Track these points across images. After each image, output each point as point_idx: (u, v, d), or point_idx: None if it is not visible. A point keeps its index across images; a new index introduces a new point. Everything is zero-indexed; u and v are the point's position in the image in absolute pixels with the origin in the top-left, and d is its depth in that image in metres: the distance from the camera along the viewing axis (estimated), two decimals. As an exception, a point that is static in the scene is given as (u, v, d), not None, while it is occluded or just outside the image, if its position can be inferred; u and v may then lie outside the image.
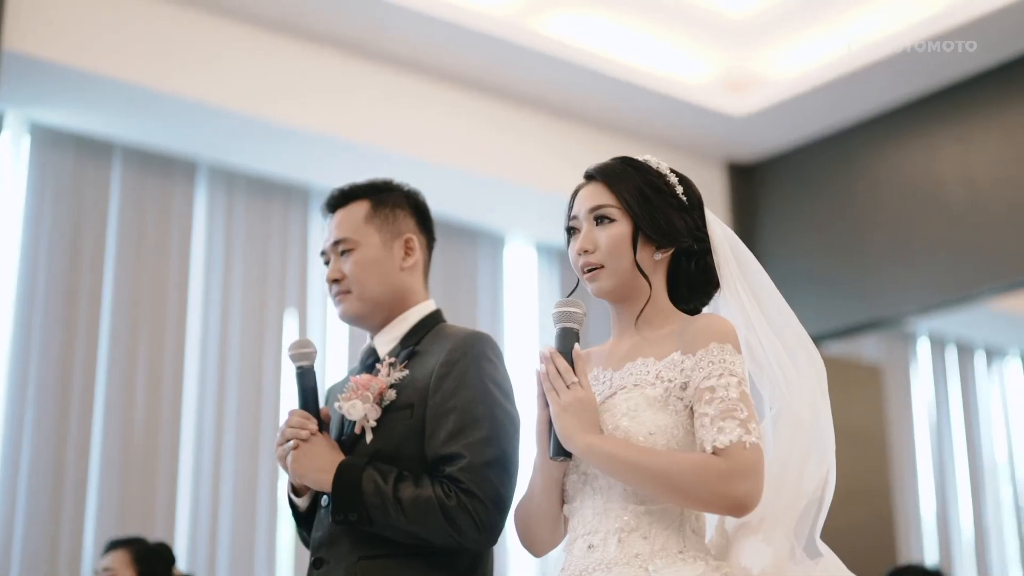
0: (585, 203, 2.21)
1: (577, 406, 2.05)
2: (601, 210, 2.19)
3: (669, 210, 2.19)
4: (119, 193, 5.42)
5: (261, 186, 5.78)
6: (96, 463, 5.11)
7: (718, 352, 2.06)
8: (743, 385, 2.04)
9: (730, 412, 1.99)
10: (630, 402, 2.08)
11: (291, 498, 2.55)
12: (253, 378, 5.55)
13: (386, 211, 2.61)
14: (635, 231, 2.17)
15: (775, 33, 5.91)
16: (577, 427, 2.04)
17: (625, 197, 2.18)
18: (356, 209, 2.60)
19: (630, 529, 2.05)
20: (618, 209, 2.18)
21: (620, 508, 2.07)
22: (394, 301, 2.58)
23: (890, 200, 6.19)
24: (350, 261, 2.57)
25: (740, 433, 1.97)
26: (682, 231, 2.20)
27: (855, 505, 6.54)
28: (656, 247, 2.19)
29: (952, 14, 5.46)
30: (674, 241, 2.20)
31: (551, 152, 6.13)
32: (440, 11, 5.33)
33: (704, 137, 6.49)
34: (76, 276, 5.24)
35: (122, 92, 5.04)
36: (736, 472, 1.95)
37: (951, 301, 5.99)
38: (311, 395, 2.47)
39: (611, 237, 2.17)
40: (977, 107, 5.91)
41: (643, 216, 2.17)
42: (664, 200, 2.19)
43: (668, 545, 2.05)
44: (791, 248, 6.54)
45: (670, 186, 2.21)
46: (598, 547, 2.06)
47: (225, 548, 5.35)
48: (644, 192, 2.18)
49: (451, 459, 2.33)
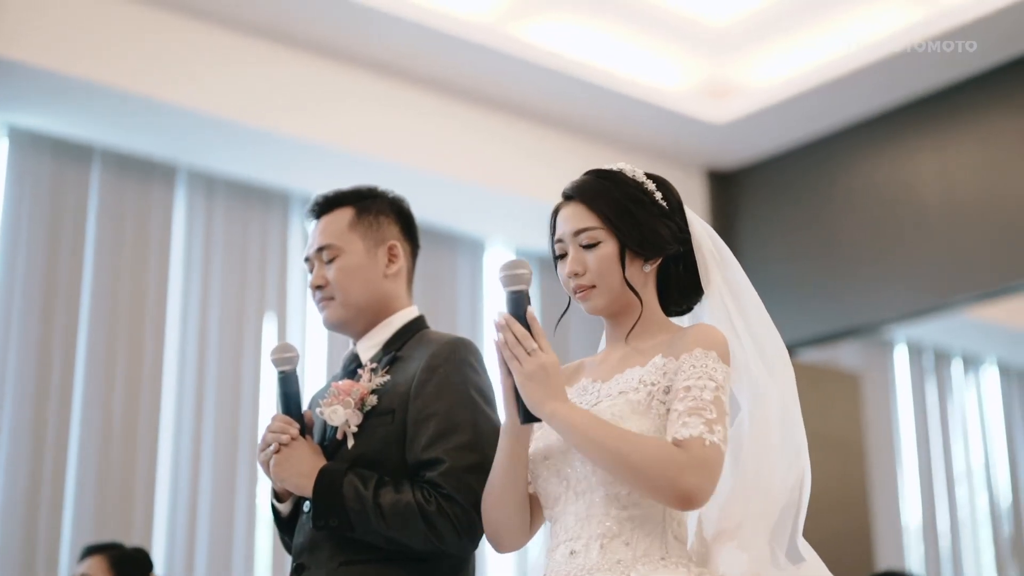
0: (568, 226, 2.19)
1: (541, 373, 2.05)
2: (585, 233, 2.17)
3: (652, 220, 2.18)
4: (98, 197, 5.40)
5: (241, 191, 5.77)
6: (73, 468, 5.08)
7: (701, 357, 2.07)
8: (720, 392, 2.04)
9: (698, 410, 2.01)
10: (614, 408, 2.08)
11: (273, 503, 2.55)
12: (232, 384, 5.53)
13: (370, 218, 2.61)
14: (622, 249, 2.16)
15: (755, 41, 5.94)
16: (544, 394, 2.04)
17: (608, 216, 2.16)
18: (340, 216, 2.60)
19: (612, 535, 2.05)
20: (602, 230, 2.17)
21: (602, 514, 2.06)
22: (377, 307, 2.58)
23: (869, 208, 6.21)
24: (334, 267, 2.57)
25: (703, 430, 1.99)
26: (667, 238, 2.20)
27: (834, 512, 6.56)
28: (644, 260, 2.19)
29: (934, 22, 5.49)
30: (661, 250, 2.20)
31: (532, 158, 6.14)
32: (422, 17, 5.33)
33: (684, 144, 6.51)
34: (55, 280, 5.22)
35: (102, 96, 5.03)
36: (690, 464, 1.96)
37: (929, 309, 6.02)
38: (293, 400, 2.46)
39: (599, 259, 2.16)
40: (955, 116, 5.94)
41: (628, 233, 2.16)
42: (645, 210, 2.18)
43: (650, 551, 2.05)
44: (770, 255, 6.56)
45: (649, 194, 2.20)
46: (580, 553, 2.06)
47: (203, 554, 5.32)
48: (625, 207, 2.17)
49: (432, 464, 2.33)
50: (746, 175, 6.79)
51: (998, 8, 5.30)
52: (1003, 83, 5.76)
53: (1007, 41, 5.57)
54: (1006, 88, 5.76)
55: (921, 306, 6.00)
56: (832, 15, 5.73)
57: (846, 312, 6.24)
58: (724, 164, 6.79)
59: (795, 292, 6.41)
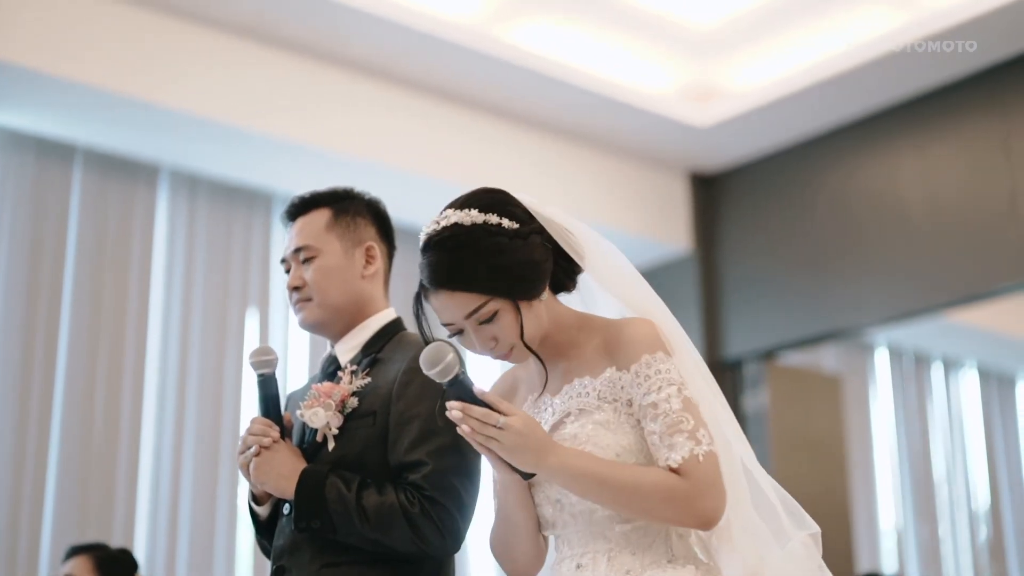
0: (455, 314, 2.06)
1: (520, 440, 1.97)
2: (477, 314, 2.05)
3: (518, 253, 2.06)
4: (80, 196, 5.39)
5: (223, 191, 5.76)
6: (54, 468, 5.07)
7: (652, 363, 2.04)
8: (683, 391, 2.03)
9: (676, 425, 1.99)
10: (585, 428, 2.06)
11: (251, 506, 2.54)
12: (214, 385, 5.53)
13: (347, 219, 2.60)
14: (516, 306, 2.06)
15: (738, 44, 5.96)
16: (534, 458, 1.98)
17: (486, 288, 2.04)
18: (317, 217, 2.59)
19: (619, 548, 2.05)
20: (490, 301, 2.04)
21: (605, 528, 2.06)
22: (355, 309, 2.57)
23: (850, 212, 6.24)
24: (311, 268, 2.55)
25: (691, 446, 1.98)
26: (539, 258, 2.09)
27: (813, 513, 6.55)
28: (538, 296, 2.11)
29: (914, 27, 5.52)
30: (543, 277, 2.10)
31: (515, 160, 6.15)
32: (405, 18, 5.33)
33: (667, 147, 6.53)
34: (36, 279, 5.20)
35: (84, 95, 5.01)
36: (695, 490, 1.96)
37: (909, 313, 6.05)
38: (273, 402, 2.46)
39: (503, 328, 2.07)
40: (937, 120, 5.97)
41: (512, 289, 2.05)
42: (509, 252, 2.05)
43: (657, 556, 2.05)
44: (752, 258, 6.59)
45: (499, 230, 2.06)
46: (587, 566, 2.06)
47: (184, 555, 5.31)
48: (492, 267, 2.03)
49: (414, 466, 2.33)
50: (729, 178, 6.81)
51: (986, 11, 5.33)
52: (985, 87, 5.80)
53: (992, 45, 5.59)
54: (987, 92, 5.79)
55: (902, 309, 6.03)
56: (814, 19, 5.76)
57: (827, 315, 6.26)
58: (707, 167, 6.81)
59: (777, 295, 6.43)
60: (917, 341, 8.28)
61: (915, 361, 8.46)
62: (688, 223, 6.76)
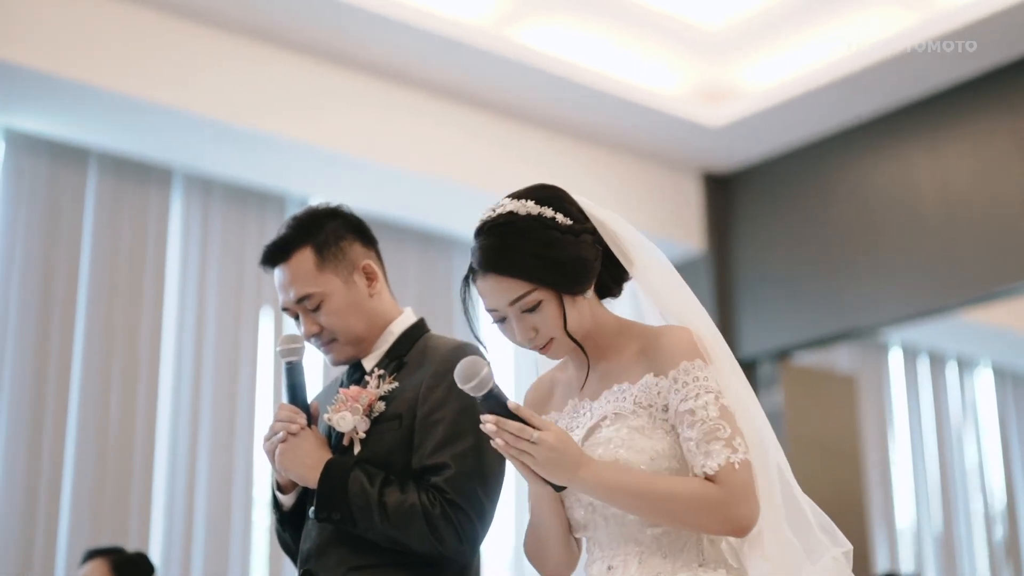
0: (500, 299, 2.08)
1: (554, 455, 1.97)
2: (521, 301, 2.07)
3: (570, 249, 2.08)
4: (94, 200, 5.40)
5: (237, 193, 5.77)
6: (70, 471, 5.08)
7: (690, 371, 2.06)
8: (721, 399, 2.04)
9: (713, 433, 2.00)
10: (620, 433, 2.07)
11: (275, 493, 2.53)
12: (228, 387, 5.53)
13: (332, 250, 2.53)
14: (560, 299, 2.08)
15: (751, 44, 5.95)
16: (568, 472, 1.98)
17: (534, 277, 2.06)
18: (302, 260, 2.51)
19: (650, 551, 2.06)
20: (535, 291, 2.06)
21: (637, 531, 2.07)
22: (377, 328, 2.55)
23: (864, 211, 6.23)
24: (323, 314, 2.51)
25: (727, 454, 1.99)
26: (590, 257, 2.11)
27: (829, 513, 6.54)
28: (583, 292, 2.12)
29: (928, 26, 5.51)
30: (591, 274, 2.12)
31: (528, 161, 6.14)
32: (418, 20, 5.34)
33: (680, 148, 6.52)
34: (51, 283, 5.22)
35: (98, 99, 5.03)
36: (731, 498, 1.97)
37: (924, 312, 6.03)
38: (300, 390, 2.45)
39: (546, 318, 2.08)
40: (950, 119, 5.96)
41: (559, 282, 2.07)
42: (560, 245, 2.08)
43: (688, 560, 2.06)
44: (766, 258, 6.58)
45: (553, 224, 2.09)
46: (618, 568, 2.07)
47: (199, 556, 5.32)
48: (543, 257, 2.06)
49: (437, 469, 2.34)
50: (742, 178, 6.80)
51: (999, 9, 5.32)
52: (998, 85, 5.78)
53: (1005, 44, 5.58)
54: (1000, 91, 5.78)
55: (916, 309, 6.02)
56: (826, 19, 5.75)
57: (841, 315, 6.25)
58: (720, 167, 6.80)
59: (790, 295, 6.42)
60: (932, 340, 8.26)
61: (930, 360, 8.44)
62: (701, 223, 6.75)
